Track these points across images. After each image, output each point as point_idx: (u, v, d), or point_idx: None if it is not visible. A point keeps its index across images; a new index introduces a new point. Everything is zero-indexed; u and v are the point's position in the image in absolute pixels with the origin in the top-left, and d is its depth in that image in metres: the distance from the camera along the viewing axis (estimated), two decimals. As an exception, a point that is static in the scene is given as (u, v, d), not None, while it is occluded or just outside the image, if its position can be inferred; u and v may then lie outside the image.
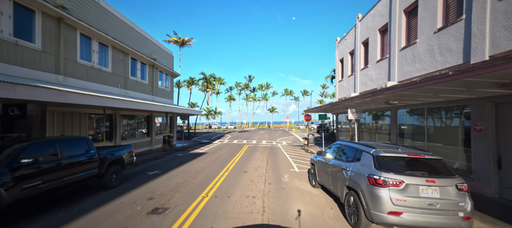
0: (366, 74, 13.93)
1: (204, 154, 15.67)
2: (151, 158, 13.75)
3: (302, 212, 5.69)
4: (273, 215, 5.46)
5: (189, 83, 31.36)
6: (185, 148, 19.12)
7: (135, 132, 16.12)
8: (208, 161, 12.80)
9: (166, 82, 21.19)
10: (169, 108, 16.45)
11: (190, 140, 26.67)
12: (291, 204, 6.21)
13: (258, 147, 19.94)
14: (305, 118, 22.34)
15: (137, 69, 16.23)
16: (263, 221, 5.15)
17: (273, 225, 4.95)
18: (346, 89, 17.23)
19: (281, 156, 14.91)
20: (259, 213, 5.57)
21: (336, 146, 6.85)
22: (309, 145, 20.34)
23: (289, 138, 28.74)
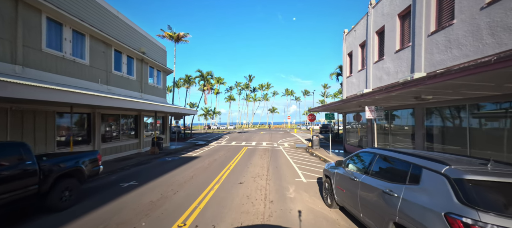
0: (381, 67, 12.03)
1: (196, 158, 13.78)
2: (135, 164, 11.86)
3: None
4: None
5: (185, 81, 29.47)
6: (178, 151, 17.23)
7: (120, 134, 14.23)
8: (199, 167, 10.90)
9: (158, 79, 19.32)
10: (160, 107, 14.58)
11: (185, 141, 24.81)
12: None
13: (258, 149, 18.05)
14: (308, 118, 20.44)
15: (122, 63, 14.36)
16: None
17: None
18: (355, 86, 15.33)
19: (283, 160, 13.01)
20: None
21: (367, 155, 4.92)
22: (314, 148, 18.43)
23: (291, 140, 26.83)
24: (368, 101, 8.75)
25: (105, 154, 12.73)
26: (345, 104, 11.58)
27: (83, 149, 11.11)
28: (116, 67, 13.81)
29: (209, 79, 29.26)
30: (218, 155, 15.04)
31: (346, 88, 17.19)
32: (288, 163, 12.13)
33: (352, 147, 16.14)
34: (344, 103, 11.07)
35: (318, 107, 15.86)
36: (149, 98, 17.20)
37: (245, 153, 15.78)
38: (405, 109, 10.28)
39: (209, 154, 15.38)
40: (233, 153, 15.76)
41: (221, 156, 14.38)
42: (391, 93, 6.75)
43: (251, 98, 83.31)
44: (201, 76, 29.05)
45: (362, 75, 14.41)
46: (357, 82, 15.12)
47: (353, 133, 16.77)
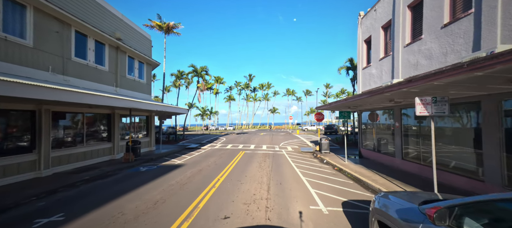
0: (416, 50, 9.06)
1: (178, 168, 10.83)
2: (93, 177, 8.93)
3: None
4: None
5: (178, 77, 26.55)
6: (161, 156, 14.30)
7: (85, 137, 11.30)
8: (174, 184, 7.95)
9: (141, 72, 16.42)
10: (137, 104, 11.68)
11: (176, 144, 21.89)
12: None
13: (257, 154, 15.09)
14: (316, 117, 17.48)
15: (88, 49, 11.45)
16: None
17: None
18: (376, 77, 12.36)
19: (288, 171, 10.05)
20: None
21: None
22: (323, 152, 15.45)
23: (294, 142, 23.86)
24: (425, 87, 5.77)
25: (60, 164, 9.82)
26: (367, 99, 8.63)
27: (18, 160, 8.20)
28: (79, 54, 10.90)
29: (204, 75, 26.30)
30: (206, 163, 12.08)
31: (362, 81, 14.21)
32: (295, 176, 9.17)
33: (369, 152, 13.16)
34: (370, 96, 8.07)
35: (329, 104, 12.93)
36: (128, 94, 14.30)
37: (240, 160, 12.83)
38: (465, 102, 7.31)
39: (196, 162, 12.43)
40: (226, 160, 12.81)
41: (209, 165, 11.43)
42: (476, 72, 3.81)
43: (251, 98, 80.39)
44: (195, 72, 26.01)
45: (386, 64, 11.44)
46: (378, 72, 12.14)
47: (370, 134, 13.78)
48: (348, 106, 12.68)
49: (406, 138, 9.98)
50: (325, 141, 15.71)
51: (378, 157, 12.15)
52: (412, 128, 9.64)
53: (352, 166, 10.92)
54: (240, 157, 13.88)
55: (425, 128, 8.90)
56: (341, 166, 10.92)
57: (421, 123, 9.13)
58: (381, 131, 12.37)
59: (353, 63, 20.66)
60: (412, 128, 9.67)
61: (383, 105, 11.04)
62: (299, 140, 26.23)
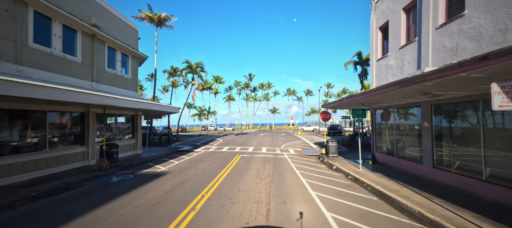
0: (457, 30, 7.13)
1: (159, 177, 8.90)
2: (47, 192, 7.01)
3: None
4: None
5: (171, 74, 24.57)
6: (145, 161, 12.36)
7: (47, 141, 9.37)
8: (142, 204, 6.02)
9: (125, 67, 14.51)
10: (113, 100, 9.77)
11: (168, 146, 19.96)
12: None
13: (255, 159, 13.16)
14: (321, 116, 15.54)
15: (52, 35, 9.54)
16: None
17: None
18: (395, 69, 10.42)
19: (293, 183, 8.11)
20: None
21: None
22: (331, 156, 13.51)
23: (296, 144, 21.90)
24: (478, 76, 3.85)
25: (10, 174, 7.89)
26: (390, 92, 6.73)
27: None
28: (39, 39, 8.99)
29: (199, 72, 24.31)
30: (195, 170, 10.15)
31: (376, 74, 12.26)
32: (303, 190, 7.22)
33: (386, 156, 11.21)
34: (400, 88, 6.08)
35: (339, 100, 10.96)
36: (109, 90, 12.39)
37: (235, 166, 10.90)
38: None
39: (183, 169, 10.50)
40: (218, 166, 10.88)
41: (197, 173, 9.49)
42: None
43: (251, 98, 78.50)
44: (189, 68, 24.03)
45: (409, 52, 9.49)
46: (398, 63, 10.19)
47: (386, 135, 11.83)
48: (362, 103, 10.73)
49: (439, 140, 8.02)
50: (332, 144, 13.77)
51: (397, 163, 10.20)
52: (450, 129, 7.68)
53: (369, 175, 8.97)
54: (236, 162, 11.94)
55: (470, 129, 6.94)
56: (356, 175, 8.98)
57: (464, 122, 7.17)
58: (401, 132, 10.41)
59: (362, 57, 18.75)
60: (449, 129, 7.71)
61: (406, 101, 9.09)
62: (301, 141, 24.27)
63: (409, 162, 9.48)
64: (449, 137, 7.63)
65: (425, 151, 8.48)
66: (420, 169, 8.69)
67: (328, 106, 13.84)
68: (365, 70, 19.01)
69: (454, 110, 7.54)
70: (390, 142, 11.16)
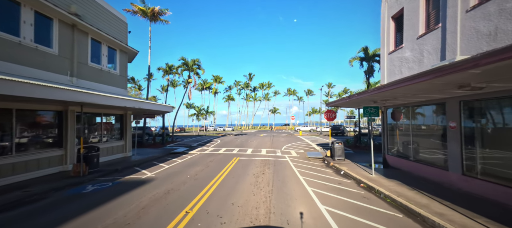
0: (496, 11, 5.88)
1: (142, 185, 7.66)
2: (7, 205, 5.76)
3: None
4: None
5: (166, 71, 23.29)
6: (132, 165, 11.12)
7: (14, 144, 8.13)
8: (109, 225, 4.77)
9: (112, 61, 13.27)
10: (92, 97, 8.55)
11: (162, 147, 18.71)
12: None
13: (254, 162, 11.91)
14: (326, 115, 14.31)
15: (21, 22, 8.31)
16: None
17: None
18: (412, 61, 9.16)
19: (298, 194, 6.87)
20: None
21: None
22: (336, 159, 12.26)
23: (298, 145, 20.65)
24: None
25: (-37, 182, 6.65)
26: (414, 85, 5.51)
27: None
28: (4, 26, 7.77)
29: (195, 69, 23.01)
30: (184, 176, 8.90)
31: (388, 68, 11.00)
32: (310, 203, 5.97)
33: (400, 160, 9.96)
34: (433, 78, 4.81)
35: (348, 97, 9.67)
36: (92, 87, 11.17)
37: (231, 171, 9.65)
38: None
39: (172, 174, 9.26)
40: (212, 171, 9.63)
41: (186, 181, 8.24)
42: None
43: (251, 98, 77.26)
44: (185, 65, 22.71)
45: (429, 41, 8.24)
46: (416, 54, 8.93)
47: (401, 136, 10.56)
48: (374, 100, 9.48)
49: (470, 144, 6.75)
50: (338, 145, 12.51)
51: (414, 168, 8.93)
52: (486, 129, 6.41)
53: (385, 183, 7.71)
54: (232, 167, 10.69)
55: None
56: (369, 182, 7.73)
57: (507, 121, 5.92)
58: (418, 133, 9.13)
59: (368, 52, 17.50)
60: (484, 129, 6.44)
61: (428, 98, 7.83)
62: (303, 142, 23.01)
63: (429, 167, 8.21)
64: (484, 139, 6.36)
65: (452, 155, 7.21)
66: (445, 176, 7.43)
67: (333, 104, 12.59)
68: (371, 66, 17.76)
69: (492, 107, 6.28)
70: (405, 144, 9.89)
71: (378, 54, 17.19)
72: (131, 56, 15.26)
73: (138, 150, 16.77)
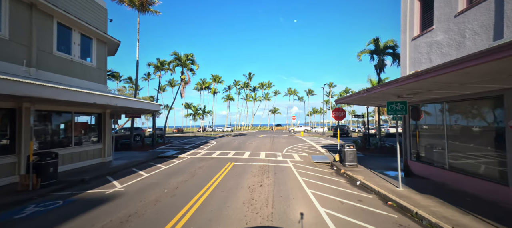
0: None
1: (101, 205, 5.77)
2: None
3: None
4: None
5: (157, 67, 21.35)
6: (105, 173, 9.25)
7: None
8: None
9: (87, 51, 11.39)
10: (57, 93, 6.69)
11: (151, 150, 16.82)
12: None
13: (251, 168, 10.02)
14: (334, 114, 12.45)
15: (-50, -6, 6.42)
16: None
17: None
18: (447, 45, 7.27)
19: (311, 223, 4.96)
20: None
21: None
22: (348, 165, 10.37)
23: (300, 147, 18.74)
24: None
25: None
26: (490, 64, 3.63)
27: None
28: None
29: (189, 65, 21.03)
30: (160, 190, 7.00)
31: (411, 57, 9.10)
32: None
33: (428, 167, 8.07)
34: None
35: (366, 90, 7.77)
36: (59, 80, 9.29)
37: (222, 182, 7.75)
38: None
39: (146, 188, 7.37)
40: (198, 183, 7.73)
41: (160, 198, 6.34)
42: None
43: (251, 98, 75.42)
44: (178, 60, 20.73)
45: (475, 17, 6.34)
46: (454, 36, 7.04)
47: (431, 138, 8.65)
48: (398, 94, 7.58)
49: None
50: (349, 149, 10.60)
51: (453, 180, 7.02)
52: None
53: (420, 200, 5.81)
54: (224, 175, 8.80)
55: None
56: (398, 199, 5.84)
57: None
58: (457, 135, 7.22)
59: (379, 44, 15.60)
60: None
61: (477, 89, 5.92)
62: (306, 144, 21.11)
63: (476, 180, 6.31)
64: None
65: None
66: (503, 194, 5.52)
67: (345, 101, 10.71)
68: (382, 60, 15.86)
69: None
70: (436, 149, 7.99)
71: (390, 46, 15.30)
72: (112, 47, 13.37)
73: (123, 154, 14.91)
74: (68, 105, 9.89)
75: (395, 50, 15.10)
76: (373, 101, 10.12)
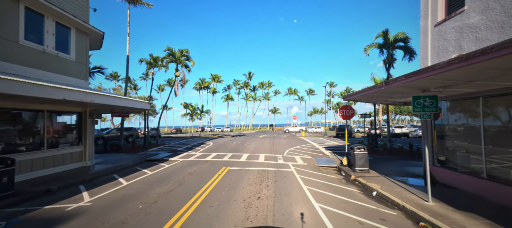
0: None
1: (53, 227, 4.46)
2: None
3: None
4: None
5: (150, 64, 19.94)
6: (79, 182, 7.95)
7: None
8: None
9: (63, 42, 10.07)
10: (24, 88, 5.40)
11: (142, 152, 15.51)
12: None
13: (248, 174, 8.70)
14: (341, 113, 11.15)
15: None
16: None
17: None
18: (486, 28, 5.96)
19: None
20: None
21: None
22: (358, 171, 9.06)
23: (303, 148, 17.42)
24: None
25: None
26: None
27: None
28: None
29: (183, 61, 19.63)
30: (137, 205, 5.68)
31: (433, 46, 7.78)
32: None
33: (459, 175, 6.76)
34: None
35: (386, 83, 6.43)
36: (28, 74, 7.98)
37: (212, 192, 6.44)
38: None
39: (121, 200, 6.06)
40: (182, 196, 6.42)
41: (134, 214, 5.03)
42: None
43: (251, 98, 74.11)
44: (171, 56, 19.35)
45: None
46: (494, 17, 5.71)
47: (454, 139, 7.33)
48: (423, 88, 6.24)
49: None
50: (360, 152, 9.27)
51: (495, 192, 5.68)
52: None
53: (464, 222, 4.48)
54: (216, 183, 7.49)
55: None
56: (433, 219, 4.52)
57: None
58: (501, 137, 5.88)
59: (388, 37, 14.26)
60: None
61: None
62: (308, 145, 19.78)
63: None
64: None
65: None
66: None
67: (354, 98, 9.36)
68: (391, 55, 14.52)
69: None
70: (470, 154, 6.66)
71: (401, 38, 13.95)
72: (95, 39, 12.06)
73: (110, 156, 13.61)
74: (39, 103, 8.59)
75: (406, 43, 13.76)
76: (388, 98, 8.78)
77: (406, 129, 29.77)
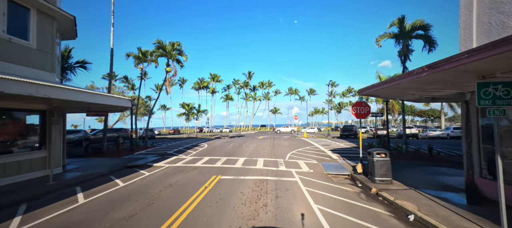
0: None
1: None
2: None
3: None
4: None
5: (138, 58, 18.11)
6: (24, 199, 6.14)
7: None
8: None
9: (21, 27, 8.29)
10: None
11: (126, 155, 13.70)
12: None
13: (241, 187, 6.87)
14: (354, 110, 9.33)
15: None
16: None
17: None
18: None
19: None
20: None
21: None
22: (378, 181, 7.22)
23: (306, 151, 15.57)
24: None
25: None
26: None
27: None
28: None
29: (175, 55, 17.77)
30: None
31: (479, 22, 5.93)
32: None
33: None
34: None
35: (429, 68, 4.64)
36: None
37: (188, 219, 4.63)
38: None
39: None
40: (150, 221, 4.60)
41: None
42: None
43: (251, 98, 72.30)
44: (162, 50, 17.39)
45: None
46: None
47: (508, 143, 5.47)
48: (482, 73, 4.41)
49: None
50: (380, 158, 7.44)
51: None
52: None
53: None
54: (198, 202, 5.67)
55: None
56: None
57: None
58: None
59: (404, 26, 12.42)
60: None
61: None
62: (312, 147, 17.92)
63: None
64: None
65: None
66: None
67: (373, 92, 7.50)
68: (407, 46, 12.69)
69: None
70: None
71: (420, 26, 12.11)
72: (65, 25, 10.26)
73: (88, 161, 11.83)
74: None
75: (427, 30, 11.93)
76: (418, 90, 6.95)
77: (415, 129, 27.91)
